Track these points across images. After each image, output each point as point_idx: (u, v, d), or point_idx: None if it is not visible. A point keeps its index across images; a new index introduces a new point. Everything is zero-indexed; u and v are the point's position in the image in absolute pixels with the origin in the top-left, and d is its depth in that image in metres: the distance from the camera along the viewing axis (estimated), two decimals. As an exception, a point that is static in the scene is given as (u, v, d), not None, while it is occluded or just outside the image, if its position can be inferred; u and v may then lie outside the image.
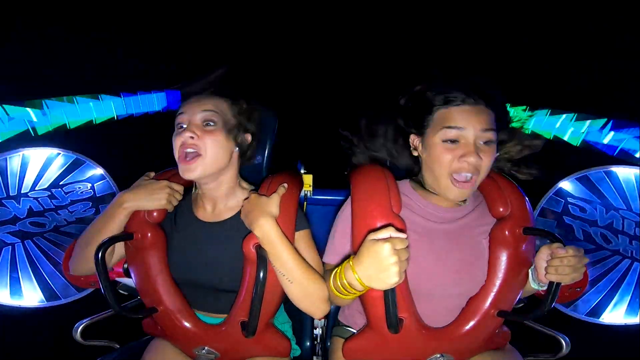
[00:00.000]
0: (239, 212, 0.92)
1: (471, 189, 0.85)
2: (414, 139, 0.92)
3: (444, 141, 0.82)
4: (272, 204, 0.85)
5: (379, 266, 0.68)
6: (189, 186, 1.04)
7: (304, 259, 0.87)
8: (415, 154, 0.93)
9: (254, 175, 1.08)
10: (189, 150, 0.88)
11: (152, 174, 1.01)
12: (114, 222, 0.92)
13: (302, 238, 0.93)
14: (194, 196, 1.01)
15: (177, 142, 0.89)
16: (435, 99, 0.84)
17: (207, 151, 0.88)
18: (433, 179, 0.88)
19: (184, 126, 0.90)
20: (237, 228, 0.92)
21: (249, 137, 0.98)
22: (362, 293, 0.77)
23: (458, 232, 0.92)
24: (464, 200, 0.95)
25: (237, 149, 0.95)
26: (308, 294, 0.85)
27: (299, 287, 0.85)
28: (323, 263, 0.96)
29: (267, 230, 0.83)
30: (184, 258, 0.96)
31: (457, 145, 0.82)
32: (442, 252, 0.90)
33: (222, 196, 0.96)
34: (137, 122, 2.55)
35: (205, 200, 0.97)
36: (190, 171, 0.88)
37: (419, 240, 0.89)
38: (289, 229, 0.88)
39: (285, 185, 0.91)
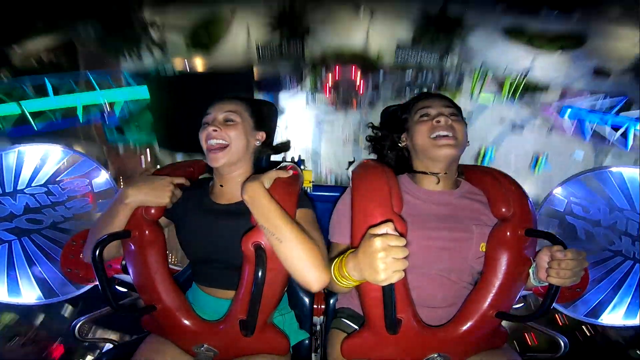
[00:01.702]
0: None
1: (455, 145, 0.97)
2: (403, 136, 1.10)
3: (420, 118, 1.03)
4: (265, 176, 0.91)
5: (369, 260, 0.69)
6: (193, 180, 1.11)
7: (295, 222, 0.87)
8: (404, 144, 1.10)
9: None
10: (213, 141, 1.01)
11: (152, 170, 1.02)
12: (118, 218, 0.95)
13: (304, 216, 0.94)
14: (211, 187, 1.10)
15: (203, 136, 1.02)
16: (410, 102, 1.11)
17: (232, 141, 1.01)
18: (420, 154, 1.03)
19: (209, 123, 1.03)
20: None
21: (264, 135, 1.10)
22: (361, 282, 0.78)
23: (447, 215, 0.98)
24: (456, 187, 1.03)
25: (256, 143, 1.08)
26: (300, 256, 0.83)
27: (289, 246, 0.83)
28: (332, 244, 1.01)
29: (253, 190, 0.87)
30: (203, 237, 1.01)
31: (429, 118, 1.01)
32: (432, 232, 0.94)
33: (238, 184, 1.02)
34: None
35: (223, 188, 1.07)
36: (217, 160, 1.00)
37: (410, 220, 0.89)
38: (290, 206, 0.90)
39: (284, 168, 0.96)
